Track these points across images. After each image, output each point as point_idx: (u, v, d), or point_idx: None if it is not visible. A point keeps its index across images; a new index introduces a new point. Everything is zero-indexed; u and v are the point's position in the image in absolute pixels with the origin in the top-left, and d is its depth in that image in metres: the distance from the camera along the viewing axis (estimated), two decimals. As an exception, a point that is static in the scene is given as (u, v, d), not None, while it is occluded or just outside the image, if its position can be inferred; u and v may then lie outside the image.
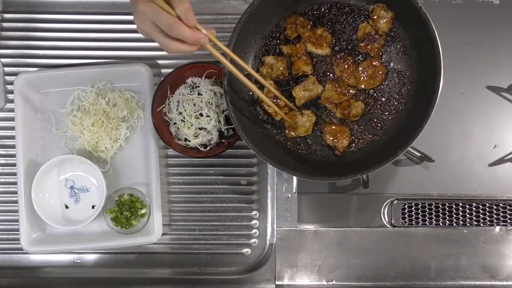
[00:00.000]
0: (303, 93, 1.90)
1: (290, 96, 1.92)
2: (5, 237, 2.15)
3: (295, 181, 2.09)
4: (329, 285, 2.07)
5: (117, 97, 2.08)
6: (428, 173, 2.09)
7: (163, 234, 2.09)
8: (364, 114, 1.90)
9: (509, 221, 2.07)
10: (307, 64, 1.90)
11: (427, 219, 2.08)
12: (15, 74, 2.10)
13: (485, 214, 2.08)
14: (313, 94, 1.91)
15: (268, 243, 2.12)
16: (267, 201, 2.12)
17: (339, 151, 1.88)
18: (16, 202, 2.08)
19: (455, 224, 2.07)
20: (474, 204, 2.08)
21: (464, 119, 2.10)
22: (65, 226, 2.06)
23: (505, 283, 2.05)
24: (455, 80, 2.08)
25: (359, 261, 2.07)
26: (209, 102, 2.00)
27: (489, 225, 2.07)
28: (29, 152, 2.09)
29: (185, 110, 2.00)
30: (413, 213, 2.08)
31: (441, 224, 2.08)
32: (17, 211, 2.07)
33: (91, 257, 2.14)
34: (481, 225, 2.07)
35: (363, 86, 1.89)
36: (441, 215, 2.08)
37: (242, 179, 2.14)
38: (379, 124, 1.89)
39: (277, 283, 2.07)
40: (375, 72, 1.87)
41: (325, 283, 2.07)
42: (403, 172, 2.09)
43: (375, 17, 1.85)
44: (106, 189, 2.02)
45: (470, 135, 2.09)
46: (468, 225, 2.07)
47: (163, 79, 2.03)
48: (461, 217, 2.08)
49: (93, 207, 2.10)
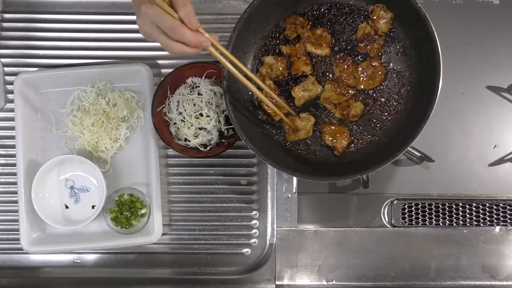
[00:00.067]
0: (302, 93, 1.90)
1: (289, 96, 1.93)
2: (5, 237, 2.15)
3: (295, 181, 2.09)
4: (329, 285, 2.07)
5: (117, 97, 2.09)
6: (428, 173, 2.09)
7: (163, 234, 2.09)
8: (363, 114, 1.90)
9: (509, 221, 2.07)
10: (307, 64, 1.91)
11: (427, 219, 2.08)
12: (15, 74, 2.10)
13: (485, 214, 2.08)
14: (312, 94, 1.91)
15: (268, 243, 2.12)
16: (267, 201, 2.12)
17: (338, 152, 1.88)
18: (16, 202, 2.08)
19: (455, 224, 2.07)
20: (474, 204, 2.08)
21: (464, 119, 2.10)
22: (65, 226, 2.06)
23: (505, 283, 2.05)
24: (455, 80, 2.09)
25: (359, 261, 2.07)
26: (209, 102, 2.01)
27: (489, 225, 2.07)
28: (29, 152, 2.09)
29: (185, 110, 2.00)
30: (413, 213, 2.08)
31: (441, 224, 2.08)
32: (17, 211, 2.07)
33: (91, 257, 2.14)
34: (481, 225, 2.07)
35: (362, 86, 1.89)
36: (441, 215, 2.08)
37: (242, 179, 2.14)
38: (378, 124, 1.89)
39: (277, 283, 2.07)
40: (374, 72, 1.88)
41: (325, 283, 2.07)
42: (403, 172, 2.09)
43: (375, 18, 1.85)
44: (106, 189, 2.02)
45: (470, 135, 2.09)
46: (468, 225, 2.07)
47: (163, 79, 2.03)
48: (461, 217, 2.08)
49: (93, 207, 2.10)
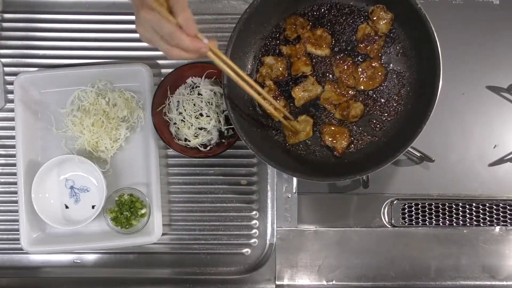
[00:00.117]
0: (302, 93, 1.90)
1: (289, 96, 1.93)
2: (5, 237, 2.15)
3: (295, 181, 2.09)
4: (329, 285, 2.07)
5: (117, 97, 2.08)
6: (428, 173, 2.09)
7: (163, 234, 2.09)
8: (363, 115, 1.90)
9: (509, 221, 2.07)
10: (307, 64, 1.90)
11: (427, 219, 2.08)
12: (15, 74, 2.10)
13: (485, 214, 2.08)
14: (312, 94, 1.91)
15: (268, 243, 2.12)
16: (267, 201, 2.12)
17: (338, 152, 1.88)
18: (16, 202, 2.08)
19: (455, 224, 2.07)
20: (474, 204, 2.08)
21: (464, 119, 2.10)
22: (65, 226, 2.06)
23: (505, 283, 2.05)
24: (455, 80, 2.08)
25: (359, 261, 2.07)
26: (209, 102, 2.01)
27: (489, 225, 2.07)
28: (29, 152, 2.09)
29: (185, 110, 2.00)
30: (413, 213, 2.08)
31: (441, 224, 2.08)
32: (17, 211, 2.07)
33: (91, 257, 2.14)
34: (481, 225, 2.07)
35: (362, 87, 1.89)
36: (441, 215, 2.08)
37: (242, 179, 2.14)
38: (378, 125, 1.89)
39: (277, 283, 2.07)
40: (374, 73, 1.87)
41: (325, 283, 2.07)
42: (403, 172, 2.09)
43: (375, 18, 1.85)
44: (106, 189, 2.02)
45: (470, 135, 2.09)
46: (468, 225, 2.07)
47: (163, 79, 2.03)
48: (461, 217, 2.08)
49: (93, 207, 2.10)
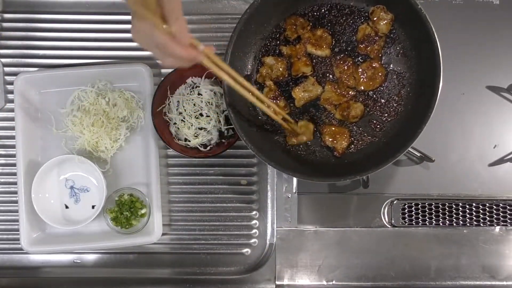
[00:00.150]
0: (302, 94, 1.90)
1: (290, 97, 1.93)
2: (5, 237, 2.15)
3: (295, 181, 2.09)
4: (329, 285, 2.07)
5: (117, 97, 2.08)
6: (428, 173, 2.09)
7: (163, 234, 2.09)
8: (363, 115, 1.90)
9: (509, 221, 2.07)
10: (307, 65, 1.91)
11: (427, 219, 2.08)
12: (15, 74, 2.10)
13: (485, 214, 2.08)
14: (312, 95, 1.91)
15: (268, 243, 2.12)
16: (267, 201, 2.12)
17: (338, 152, 1.88)
18: (16, 202, 2.08)
19: (455, 224, 2.07)
20: (474, 204, 2.08)
21: (464, 119, 2.09)
22: (65, 226, 2.06)
23: (505, 283, 2.05)
24: (455, 80, 2.08)
25: (359, 261, 2.07)
26: (209, 102, 2.01)
27: (489, 225, 2.07)
28: (29, 152, 2.09)
29: (185, 110, 2.00)
30: (413, 213, 2.08)
31: (441, 224, 2.08)
32: (17, 211, 2.07)
33: (91, 257, 2.14)
34: (481, 225, 2.07)
35: (362, 87, 1.90)
36: (441, 215, 2.08)
37: (242, 179, 2.14)
38: (378, 125, 1.89)
39: (277, 283, 2.07)
40: (374, 73, 1.88)
41: (325, 283, 2.07)
42: (403, 172, 2.09)
43: (375, 19, 1.85)
44: (106, 189, 2.02)
45: (470, 135, 2.09)
46: (468, 225, 2.07)
47: (163, 79, 2.03)
48: (461, 217, 2.08)
49: (93, 207, 2.10)
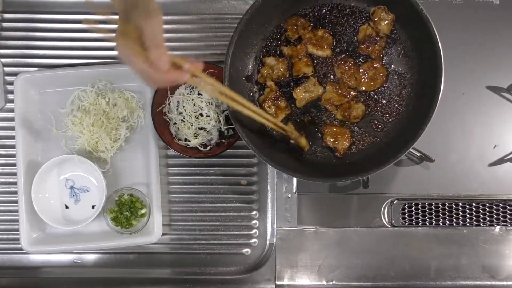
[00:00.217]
0: (303, 94, 1.90)
1: (291, 97, 1.93)
2: (5, 237, 2.14)
3: (295, 181, 2.09)
4: (329, 285, 2.07)
5: (117, 97, 2.08)
6: (428, 173, 2.09)
7: (163, 234, 2.09)
8: (364, 116, 1.90)
9: (509, 221, 2.07)
10: (308, 65, 1.91)
11: (427, 219, 2.08)
12: (15, 74, 2.09)
13: (485, 214, 2.08)
14: (313, 95, 1.91)
15: (268, 243, 2.12)
16: (267, 201, 2.12)
17: (339, 153, 1.88)
18: (16, 202, 2.08)
19: (455, 224, 2.07)
20: (474, 204, 2.08)
21: (464, 119, 2.09)
22: (65, 226, 2.05)
23: (505, 283, 2.05)
24: (455, 80, 2.08)
25: (359, 261, 2.07)
26: (209, 102, 2.00)
27: (489, 225, 2.07)
28: (29, 152, 2.08)
29: (185, 110, 2.00)
30: (413, 213, 2.08)
31: (441, 224, 2.08)
32: (17, 211, 2.06)
33: (91, 257, 2.14)
34: (481, 225, 2.07)
35: (363, 88, 1.90)
36: (441, 215, 2.08)
37: (242, 179, 2.13)
38: (380, 126, 1.89)
39: (277, 283, 2.07)
40: (375, 74, 1.88)
41: (325, 283, 2.07)
42: (403, 172, 2.09)
43: (376, 19, 1.85)
44: (106, 189, 2.02)
45: (470, 135, 2.09)
46: (468, 225, 2.07)
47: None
48: (461, 217, 2.08)
49: (93, 207, 2.10)
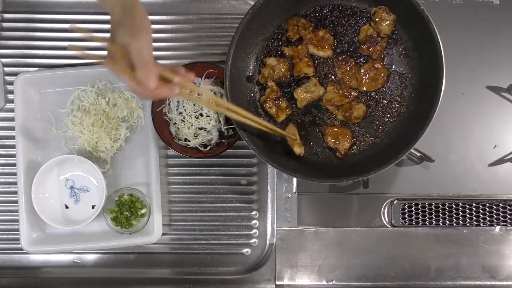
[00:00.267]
0: (304, 95, 1.90)
1: (291, 97, 1.93)
2: (5, 237, 2.14)
3: (295, 181, 2.09)
4: (329, 285, 2.07)
5: (117, 97, 2.08)
6: (428, 173, 2.09)
7: (163, 234, 2.09)
8: (365, 116, 1.90)
9: (509, 221, 2.07)
10: (309, 66, 1.91)
11: (427, 219, 2.08)
12: (15, 74, 2.09)
13: (485, 214, 2.08)
14: (314, 96, 1.91)
15: (268, 243, 2.12)
16: (267, 201, 2.12)
17: (340, 153, 1.88)
18: (16, 202, 2.07)
19: (455, 224, 2.07)
20: (474, 204, 2.08)
21: (464, 119, 2.10)
22: (65, 226, 2.05)
23: (505, 283, 2.05)
24: (455, 80, 2.08)
25: (359, 261, 2.07)
26: (209, 102, 2.00)
27: (489, 225, 2.07)
28: (29, 152, 2.08)
29: (185, 110, 2.00)
30: (413, 213, 2.08)
31: (441, 224, 2.08)
32: (17, 211, 2.06)
33: (91, 257, 2.14)
34: (481, 225, 2.07)
35: (364, 88, 1.90)
36: (441, 215, 2.08)
37: (242, 179, 2.13)
38: (381, 126, 1.89)
39: (277, 283, 2.07)
40: (377, 74, 1.88)
41: (325, 283, 2.07)
42: (403, 172, 2.09)
43: (377, 20, 1.86)
44: (106, 189, 2.02)
45: (470, 135, 2.09)
46: (468, 225, 2.07)
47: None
48: (461, 217, 2.08)
49: (93, 207, 2.09)
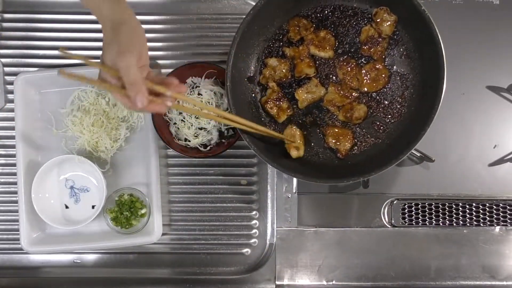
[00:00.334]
0: (305, 95, 1.90)
1: (293, 98, 1.93)
2: (5, 237, 2.14)
3: (295, 181, 2.09)
4: (329, 285, 2.07)
5: (117, 97, 2.07)
6: (428, 173, 2.09)
7: (163, 234, 2.09)
8: (366, 117, 1.90)
9: (509, 221, 2.07)
10: (310, 66, 1.91)
11: (427, 219, 2.08)
12: (15, 74, 2.09)
13: (485, 214, 2.08)
14: (315, 96, 1.91)
15: (268, 243, 2.12)
16: (267, 201, 2.12)
17: (341, 154, 1.89)
18: (16, 202, 2.07)
19: (455, 224, 2.08)
20: (474, 204, 2.08)
21: (464, 119, 2.10)
22: (65, 226, 2.05)
23: (505, 283, 2.05)
24: (455, 80, 2.07)
25: (359, 261, 2.07)
26: (209, 102, 2.00)
27: (489, 225, 2.07)
28: (29, 152, 2.08)
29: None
30: (413, 213, 2.08)
31: (441, 224, 2.08)
32: (17, 211, 2.06)
33: (91, 257, 2.14)
34: (481, 225, 2.07)
35: (366, 89, 1.90)
36: (441, 215, 2.08)
37: (242, 179, 2.13)
38: (382, 127, 1.89)
39: (277, 283, 2.07)
40: (378, 75, 1.88)
41: (325, 283, 2.07)
42: (403, 172, 2.09)
43: (378, 20, 1.86)
44: (106, 189, 2.02)
45: (470, 135, 2.09)
46: (468, 225, 2.07)
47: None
48: (461, 217, 2.08)
49: (93, 207, 2.09)
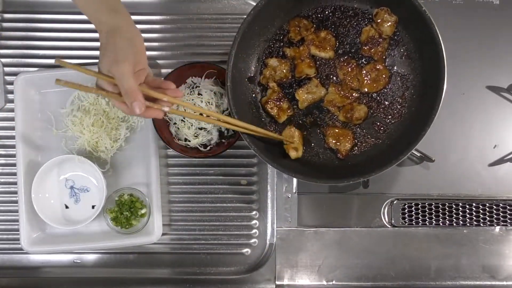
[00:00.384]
0: (306, 96, 1.90)
1: (293, 98, 1.93)
2: (5, 237, 2.14)
3: (295, 181, 2.09)
4: (329, 285, 2.07)
5: (117, 97, 2.07)
6: (428, 173, 2.09)
7: (163, 234, 2.09)
8: (367, 117, 1.90)
9: (509, 221, 2.07)
10: (311, 67, 1.91)
11: (427, 219, 2.08)
12: (15, 74, 2.09)
13: (485, 214, 2.08)
14: (316, 97, 1.91)
15: (268, 243, 2.12)
16: (267, 201, 2.12)
17: (341, 155, 1.89)
18: (16, 202, 2.07)
19: (455, 224, 2.08)
20: (474, 204, 2.08)
21: (464, 119, 2.10)
22: (65, 226, 2.05)
23: (505, 283, 2.05)
24: (455, 80, 2.07)
25: (359, 261, 2.07)
26: (209, 102, 2.00)
27: (489, 225, 2.07)
28: (29, 152, 2.08)
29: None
30: (413, 213, 2.08)
31: (441, 224, 2.08)
32: (17, 211, 2.06)
33: (91, 257, 2.14)
34: (481, 225, 2.07)
35: (366, 89, 1.90)
36: (441, 215, 2.08)
37: (242, 179, 2.13)
38: (382, 127, 1.89)
39: (277, 283, 2.07)
40: (378, 75, 1.88)
41: (325, 283, 2.07)
42: (403, 172, 2.09)
43: (379, 21, 1.86)
44: (106, 189, 2.01)
45: (470, 135, 2.09)
46: (468, 225, 2.07)
47: (162, 79, 2.01)
48: (461, 217, 2.08)
49: (93, 207, 2.09)
